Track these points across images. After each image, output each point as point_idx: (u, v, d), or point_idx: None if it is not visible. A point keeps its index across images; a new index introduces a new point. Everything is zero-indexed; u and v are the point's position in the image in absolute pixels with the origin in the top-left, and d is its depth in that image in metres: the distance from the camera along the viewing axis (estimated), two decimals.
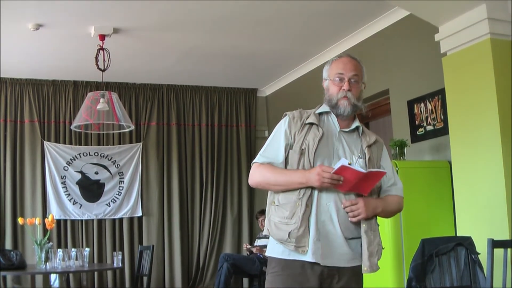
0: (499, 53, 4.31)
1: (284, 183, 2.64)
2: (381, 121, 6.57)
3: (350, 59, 2.83)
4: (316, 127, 2.71)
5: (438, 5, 4.47)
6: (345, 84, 2.74)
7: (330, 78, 2.79)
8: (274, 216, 2.67)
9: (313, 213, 2.60)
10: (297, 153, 2.67)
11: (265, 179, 2.71)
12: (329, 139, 2.71)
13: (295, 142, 2.69)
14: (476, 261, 4.01)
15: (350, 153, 2.71)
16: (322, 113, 2.79)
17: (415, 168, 4.96)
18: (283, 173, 2.66)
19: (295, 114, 2.78)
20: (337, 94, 2.74)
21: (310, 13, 5.85)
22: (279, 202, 2.67)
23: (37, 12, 5.63)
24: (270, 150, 2.76)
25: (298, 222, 2.58)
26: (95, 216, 7.87)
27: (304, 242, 2.57)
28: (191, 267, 8.27)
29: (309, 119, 2.73)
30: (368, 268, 2.64)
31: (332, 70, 2.81)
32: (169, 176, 8.27)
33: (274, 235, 2.65)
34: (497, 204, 4.17)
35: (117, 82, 8.13)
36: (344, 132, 2.75)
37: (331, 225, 2.61)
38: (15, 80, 7.79)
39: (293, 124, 2.74)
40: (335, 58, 2.86)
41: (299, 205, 2.60)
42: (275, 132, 2.79)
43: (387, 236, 4.73)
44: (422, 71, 5.52)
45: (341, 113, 2.73)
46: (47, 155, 7.79)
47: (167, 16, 5.86)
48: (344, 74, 2.75)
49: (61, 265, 5.66)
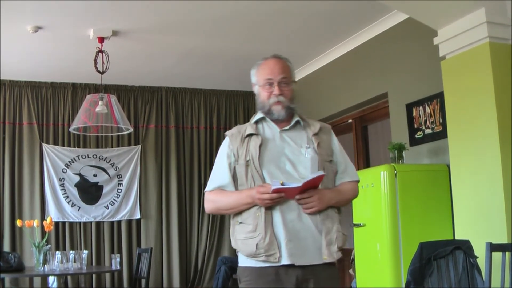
0: (498, 57, 4.31)
1: (233, 206, 2.66)
2: (380, 124, 6.58)
3: (277, 61, 2.77)
4: (256, 136, 2.70)
5: (437, 9, 4.47)
6: (276, 89, 2.72)
7: (259, 84, 2.77)
8: (239, 234, 2.66)
9: (276, 217, 2.58)
10: (243, 166, 2.66)
11: (216, 205, 2.75)
12: (271, 143, 2.70)
13: (239, 156, 2.68)
14: (474, 265, 4.01)
15: (298, 148, 2.69)
16: (258, 121, 2.78)
17: (414, 172, 4.96)
18: (230, 196, 2.68)
19: (233, 131, 2.78)
20: (268, 100, 2.73)
21: (309, 16, 5.86)
22: (242, 219, 2.66)
23: (36, 14, 5.63)
24: (216, 175, 2.76)
25: (262, 231, 2.56)
26: (94, 219, 7.87)
27: (274, 249, 2.54)
28: (189, 269, 8.26)
29: (247, 131, 2.73)
30: (328, 256, 2.59)
31: (260, 75, 2.77)
32: (167, 178, 8.27)
33: (243, 251, 2.63)
34: (495, 208, 4.17)
35: (115, 85, 8.13)
36: (285, 130, 2.74)
37: (300, 223, 2.59)
38: (14, 82, 7.79)
39: (233, 141, 2.73)
40: (261, 62, 2.80)
41: (259, 215, 2.58)
42: (219, 156, 2.79)
43: (385, 239, 4.73)
44: (421, 74, 5.52)
45: (276, 118, 2.73)
46: (46, 157, 7.79)
47: (166, 19, 5.87)
48: (273, 78, 2.73)
49: (59, 267, 5.66)
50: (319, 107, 7.31)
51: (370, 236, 4.96)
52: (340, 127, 7.31)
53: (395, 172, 4.79)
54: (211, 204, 2.77)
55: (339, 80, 6.91)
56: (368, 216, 5.00)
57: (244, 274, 2.64)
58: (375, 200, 4.88)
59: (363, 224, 5.04)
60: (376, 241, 4.83)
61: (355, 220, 5.15)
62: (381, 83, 6.12)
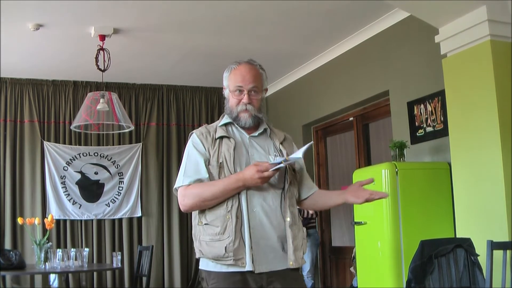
0: (499, 54, 4.31)
1: (220, 193, 2.56)
2: (381, 123, 6.58)
3: (249, 68, 2.75)
4: (228, 139, 2.68)
5: (438, 7, 4.47)
6: (245, 97, 2.69)
7: (230, 89, 2.74)
8: (204, 236, 2.60)
9: (245, 223, 2.57)
10: (215, 168, 2.63)
11: (200, 198, 2.59)
12: (242, 147, 2.69)
13: (211, 157, 2.65)
14: (475, 263, 4.01)
15: (266, 154, 2.70)
16: (227, 124, 2.76)
17: (415, 170, 4.96)
18: (216, 185, 2.58)
19: (202, 131, 2.73)
20: (236, 107, 2.71)
21: (310, 14, 5.86)
22: (207, 220, 2.60)
23: (37, 12, 5.63)
24: (191, 169, 2.66)
25: (232, 235, 2.53)
26: (95, 216, 7.87)
27: (242, 254, 2.53)
28: (190, 267, 8.27)
29: (218, 133, 2.69)
30: (294, 263, 2.59)
31: (231, 81, 2.75)
32: (168, 176, 8.27)
33: (208, 253, 2.58)
34: (497, 206, 4.18)
35: (117, 83, 8.13)
36: (254, 137, 2.74)
37: (262, 230, 2.58)
38: (15, 80, 7.80)
39: (203, 140, 2.69)
40: (235, 66, 2.78)
41: (230, 218, 2.56)
42: (188, 152, 2.71)
43: (386, 238, 4.74)
44: (422, 72, 5.52)
45: (243, 125, 2.72)
46: (47, 155, 7.80)
47: (167, 17, 5.86)
48: (243, 86, 2.70)
49: (61, 265, 5.66)
50: (320, 105, 7.31)
51: (371, 234, 4.96)
52: (341, 125, 7.31)
53: (396, 170, 4.79)
54: (192, 198, 2.60)
55: (340, 78, 6.91)
56: (369, 214, 5.00)
57: (210, 277, 2.61)
58: None
59: (364, 222, 5.04)
60: (377, 239, 4.83)
61: (356, 218, 5.15)
62: (382, 81, 6.11)
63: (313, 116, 7.49)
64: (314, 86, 7.45)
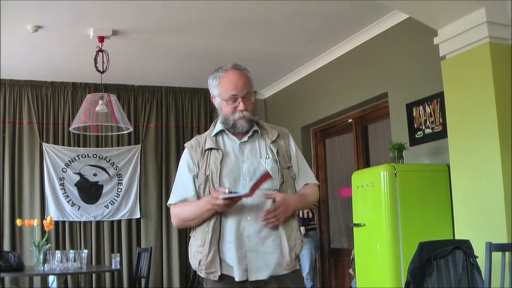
0: (498, 56, 4.31)
1: (195, 215, 2.61)
2: (380, 124, 6.58)
3: (239, 75, 2.73)
4: (216, 151, 2.67)
5: (437, 8, 4.47)
6: (241, 105, 2.69)
7: (223, 98, 2.71)
8: (192, 246, 2.68)
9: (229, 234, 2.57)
10: (202, 181, 2.64)
11: (180, 218, 2.70)
12: (231, 156, 2.67)
13: (199, 170, 2.66)
14: (474, 265, 4.01)
15: (257, 159, 2.68)
16: (218, 134, 2.75)
17: (414, 172, 4.96)
18: (191, 207, 2.63)
19: (193, 143, 2.75)
20: (233, 115, 2.69)
21: (309, 16, 5.86)
22: (195, 233, 2.68)
23: (36, 14, 5.62)
24: (179, 187, 2.71)
25: (207, 249, 2.57)
26: (93, 218, 7.87)
27: (215, 267, 2.57)
28: (189, 269, 8.25)
29: (207, 145, 2.69)
30: (289, 263, 2.60)
31: (223, 89, 2.72)
32: (167, 178, 8.27)
33: (191, 264, 2.68)
34: (495, 208, 4.17)
35: (115, 84, 8.13)
36: (244, 142, 2.72)
37: (257, 238, 2.59)
38: (14, 81, 7.79)
39: (193, 153, 2.70)
40: (222, 74, 2.75)
41: (207, 231, 2.59)
42: (180, 168, 2.74)
43: (385, 239, 4.73)
44: (421, 74, 5.52)
45: (240, 131, 2.71)
46: (46, 157, 7.79)
47: (166, 18, 5.86)
48: (237, 94, 2.68)
49: (59, 266, 5.66)
50: (319, 107, 7.31)
51: (370, 236, 4.96)
52: (340, 127, 7.31)
53: (395, 172, 4.79)
54: (176, 218, 2.72)
55: (339, 80, 6.91)
56: (368, 216, 5.00)
57: (208, 282, 2.67)
58: (375, 200, 4.88)
59: (363, 224, 5.04)
60: (376, 241, 4.83)
61: (355, 220, 5.15)
62: (381, 83, 6.12)
63: (312, 118, 7.50)
64: (313, 88, 7.45)
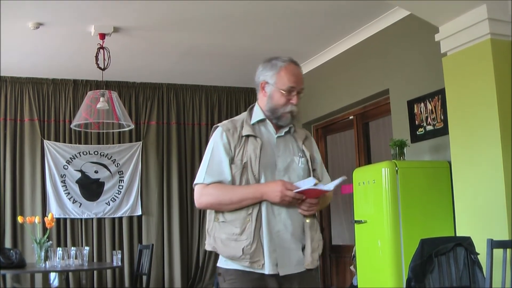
0: (499, 53, 4.31)
1: (237, 201, 2.53)
2: (381, 121, 6.58)
3: (298, 70, 2.75)
4: (254, 138, 2.63)
5: (438, 5, 4.47)
6: (295, 99, 2.69)
7: (279, 87, 2.68)
8: (219, 233, 2.59)
9: (264, 226, 2.55)
10: (239, 168, 2.58)
11: (217, 200, 2.57)
12: (268, 147, 2.65)
13: (235, 155, 2.60)
14: (475, 262, 4.01)
15: (291, 156, 2.69)
16: (256, 122, 2.72)
17: (415, 168, 4.96)
18: (235, 191, 2.55)
19: (229, 126, 2.67)
20: (284, 107, 2.68)
21: (310, 13, 5.85)
22: (225, 219, 2.59)
23: (37, 11, 5.62)
24: (214, 167, 2.61)
25: (250, 237, 2.52)
26: (95, 215, 7.87)
27: (258, 256, 2.52)
28: (190, 266, 8.27)
29: (245, 131, 2.64)
30: (310, 263, 2.61)
31: (282, 79, 2.69)
32: (168, 175, 8.27)
33: (222, 252, 2.58)
34: (497, 205, 4.18)
35: (117, 81, 8.13)
36: (280, 136, 2.72)
37: (286, 234, 2.59)
38: (15, 78, 7.79)
39: (230, 137, 2.63)
40: (282, 64, 2.73)
41: (250, 220, 2.54)
42: (214, 148, 2.64)
43: (386, 236, 4.73)
44: (422, 71, 5.52)
45: (282, 124, 2.70)
46: (47, 154, 7.79)
47: (168, 15, 5.86)
48: (296, 87, 2.69)
49: (61, 264, 5.67)
50: (320, 104, 7.30)
51: (371, 233, 4.96)
52: (341, 124, 7.31)
53: (396, 168, 4.79)
54: (209, 198, 2.58)
55: (340, 77, 6.91)
56: (369, 213, 5.00)
57: (228, 273, 2.60)
58: (376, 196, 4.88)
59: (364, 220, 5.04)
60: (377, 237, 4.83)
61: (356, 217, 5.15)
62: (382, 80, 6.11)
63: (313, 114, 7.49)
64: (314, 85, 7.44)
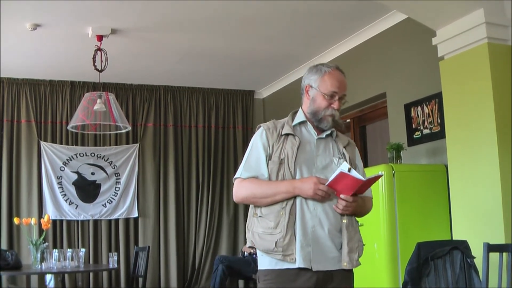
0: (496, 57, 4.32)
1: (271, 195, 2.64)
2: (378, 125, 6.58)
3: (342, 77, 2.85)
4: (293, 137, 2.73)
5: (436, 9, 4.48)
6: (336, 103, 2.77)
7: (323, 91, 2.78)
8: (257, 228, 2.68)
9: (298, 220, 2.62)
10: (276, 164, 2.69)
11: (252, 193, 2.69)
12: (306, 147, 2.73)
13: (273, 152, 2.70)
14: (471, 265, 4.02)
15: (331, 156, 2.76)
16: (297, 124, 2.80)
17: (412, 172, 4.96)
18: (269, 185, 2.66)
19: (270, 125, 2.79)
20: (325, 110, 2.76)
21: (307, 16, 5.86)
22: (262, 213, 2.68)
23: (34, 12, 5.62)
24: (252, 163, 2.74)
25: (284, 231, 2.59)
26: (91, 217, 7.86)
27: (292, 250, 2.58)
28: (186, 268, 8.26)
29: (284, 130, 2.75)
30: (348, 264, 2.64)
31: (326, 84, 2.79)
32: (165, 177, 8.27)
33: (259, 246, 2.67)
34: (493, 208, 4.18)
35: (114, 83, 8.12)
36: (321, 138, 2.78)
37: (321, 230, 2.64)
38: (12, 80, 7.78)
39: (269, 135, 2.74)
40: (328, 70, 2.83)
41: (283, 214, 2.62)
42: (253, 145, 2.77)
43: (383, 239, 4.73)
44: (419, 74, 5.53)
45: (323, 127, 2.78)
46: (44, 155, 7.78)
47: (165, 17, 5.86)
48: (338, 93, 2.78)
49: (57, 265, 5.66)
50: None
51: (367, 236, 4.91)
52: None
53: (393, 172, 4.79)
54: (245, 192, 2.70)
55: None
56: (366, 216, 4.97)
57: (263, 274, 2.68)
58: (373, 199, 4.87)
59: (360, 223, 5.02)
60: (374, 241, 4.83)
61: None
62: (379, 83, 6.12)
63: None
64: None
